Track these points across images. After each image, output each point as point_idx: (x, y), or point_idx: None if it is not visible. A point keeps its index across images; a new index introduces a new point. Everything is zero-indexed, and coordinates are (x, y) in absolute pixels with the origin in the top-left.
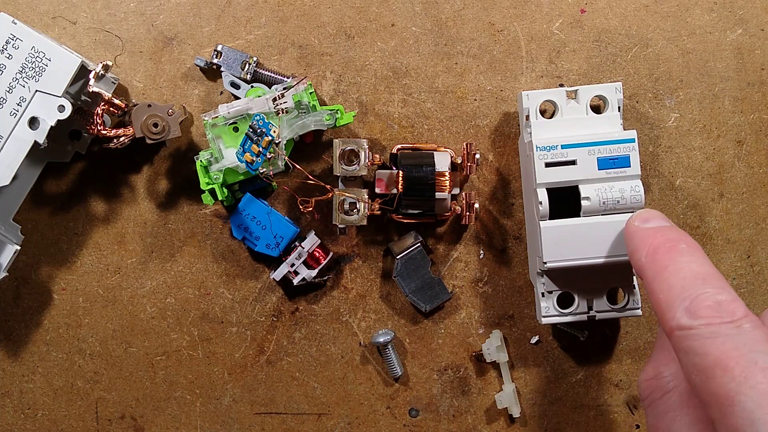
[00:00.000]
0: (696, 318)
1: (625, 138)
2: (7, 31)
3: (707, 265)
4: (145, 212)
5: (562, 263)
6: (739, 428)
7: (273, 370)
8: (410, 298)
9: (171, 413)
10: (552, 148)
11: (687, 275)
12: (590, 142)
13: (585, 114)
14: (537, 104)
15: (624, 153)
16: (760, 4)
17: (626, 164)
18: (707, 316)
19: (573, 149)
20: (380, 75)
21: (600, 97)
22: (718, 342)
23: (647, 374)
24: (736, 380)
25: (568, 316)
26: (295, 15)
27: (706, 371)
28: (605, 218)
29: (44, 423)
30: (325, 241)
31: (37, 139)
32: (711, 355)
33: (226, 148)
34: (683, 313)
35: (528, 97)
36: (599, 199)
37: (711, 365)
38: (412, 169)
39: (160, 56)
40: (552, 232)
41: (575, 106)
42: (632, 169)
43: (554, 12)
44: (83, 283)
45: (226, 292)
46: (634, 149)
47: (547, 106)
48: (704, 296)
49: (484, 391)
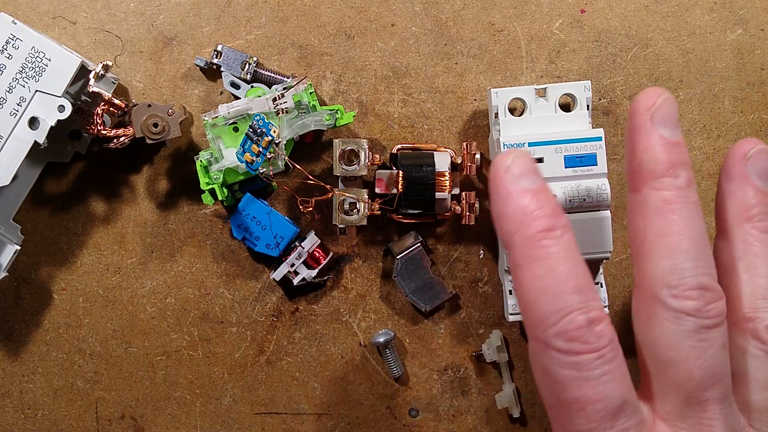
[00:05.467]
0: (566, 340)
1: (591, 136)
2: (7, 31)
3: (580, 264)
4: (145, 212)
5: None
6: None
7: (273, 370)
8: (410, 298)
9: (171, 413)
10: (519, 145)
11: (561, 278)
12: (557, 140)
13: (554, 112)
14: (506, 102)
15: (591, 151)
16: (760, 4)
17: (593, 162)
18: (576, 340)
19: (540, 147)
20: (380, 75)
21: (569, 96)
22: (580, 381)
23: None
24: (591, 428)
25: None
26: (295, 15)
27: (561, 401)
28: (572, 216)
29: (44, 423)
30: (325, 241)
31: (37, 139)
32: (570, 391)
33: (226, 148)
34: (553, 331)
35: (497, 94)
36: (566, 198)
37: (568, 401)
38: (412, 169)
39: (160, 56)
40: None
41: (544, 104)
42: (599, 168)
43: (554, 12)
44: (83, 283)
45: (226, 292)
46: (601, 147)
47: (517, 104)
48: (576, 314)
49: (484, 391)
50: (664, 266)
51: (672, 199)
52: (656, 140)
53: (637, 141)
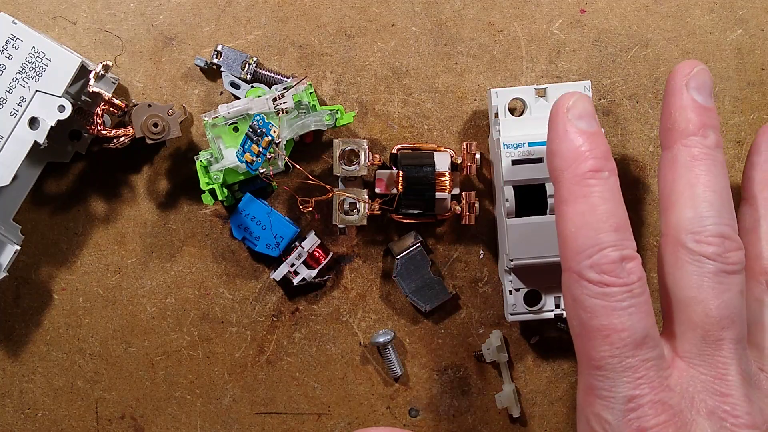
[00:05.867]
0: (598, 272)
1: None
2: (7, 31)
3: (620, 207)
4: (145, 212)
5: (528, 260)
6: (595, 390)
7: (273, 370)
8: (410, 298)
9: (171, 413)
10: (519, 145)
11: (602, 216)
12: None
13: None
14: (506, 102)
15: None
16: (760, 4)
17: None
18: (608, 273)
19: (540, 147)
20: (380, 75)
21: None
22: (608, 310)
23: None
24: (614, 354)
25: (536, 313)
26: (295, 15)
27: (588, 328)
28: None
29: (44, 423)
30: (325, 241)
31: (37, 139)
32: (597, 319)
33: (226, 148)
34: (587, 262)
35: (497, 94)
36: None
37: (594, 328)
38: (412, 169)
39: (160, 56)
40: (518, 230)
41: (544, 104)
42: None
43: (554, 12)
44: (83, 283)
45: (226, 292)
46: None
47: (517, 104)
48: (611, 249)
49: (484, 391)
50: (688, 215)
51: (699, 156)
52: (689, 103)
53: (672, 103)
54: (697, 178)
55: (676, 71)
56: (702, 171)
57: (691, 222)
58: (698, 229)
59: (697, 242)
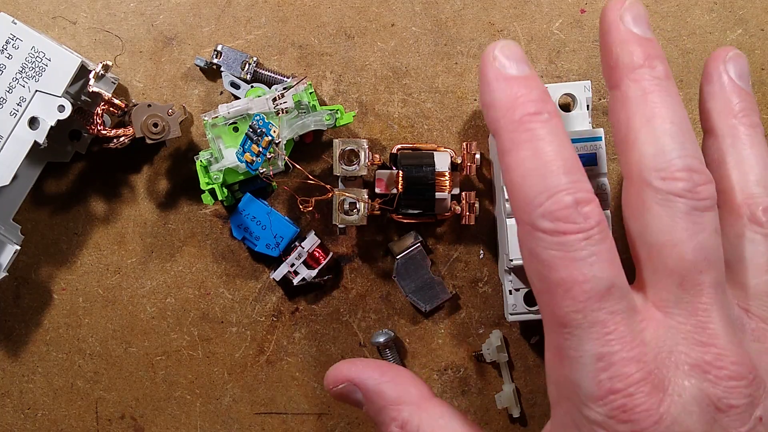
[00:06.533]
0: (551, 220)
1: (592, 136)
2: (7, 31)
3: (567, 146)
4: (145, 212)
5: None
6: (562, 350)
7: (273, 370)
8: (410, 298)
9: (171, 413)
10: None
11: (548, 159)
12: None
13: None
14: None
15: (591, 151)
16: (760, 4)
17: (593, 162)
18: (562, 220)
19: None
20: (380, 75)
21: (569, 96)
22: (566, 261)
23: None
24: (578, 309)
25: (536, 313)
26: (295, 15)
27: (548, 283)
28: None
29: (44, 423)
30: (325, 241)
31: (37, 139)
32: (556, 272)
33: (226, 148)
34: (539, 211)
35: None
36: None
37: (554, 282)
38: (412, 169)
39: (160, 56)
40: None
41: None
42: (599, 168)
43: (554, 12)
44: (83, 283)
45: (226, 292)
46: (601, 147)
47: None
48: (563, 194)
49: (484, 391)
50: (649, 151)
51: (651, 88)
52: (629, 36)
53: (611, 39)
54: (653, 112)
55: (606, 8)
56: (657, 103)
57: (654, 158)
58: (663, 165)
59: (664, 179)
